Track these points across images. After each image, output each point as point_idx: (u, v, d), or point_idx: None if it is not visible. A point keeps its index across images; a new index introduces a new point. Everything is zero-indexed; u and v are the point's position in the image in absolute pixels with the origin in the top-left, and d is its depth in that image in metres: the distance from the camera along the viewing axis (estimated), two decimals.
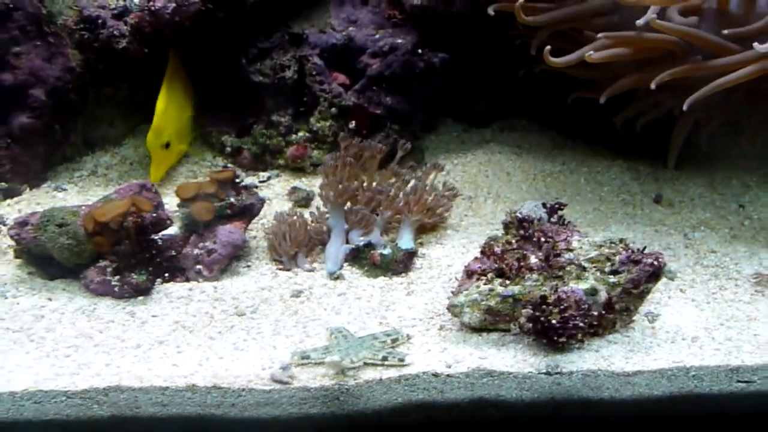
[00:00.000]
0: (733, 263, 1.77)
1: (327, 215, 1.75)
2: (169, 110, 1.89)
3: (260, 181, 2.02)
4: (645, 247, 1.53)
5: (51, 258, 1.67)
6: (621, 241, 1.54)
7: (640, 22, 1.65)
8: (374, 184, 1.78)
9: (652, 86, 1.67)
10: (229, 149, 2.08)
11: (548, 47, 1.71)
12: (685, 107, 1.69)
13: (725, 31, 1.64)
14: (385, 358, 1.40)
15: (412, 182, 1.79)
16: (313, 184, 1.90)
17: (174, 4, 1.87)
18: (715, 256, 1.80)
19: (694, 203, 1.98)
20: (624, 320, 1.50)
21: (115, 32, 1.91)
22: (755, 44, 1.58)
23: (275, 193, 1.97)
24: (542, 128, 2.15)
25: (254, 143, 2.06)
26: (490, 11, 1.75)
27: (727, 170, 2.06)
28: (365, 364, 1.39)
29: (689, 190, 2.02)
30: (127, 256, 1.64)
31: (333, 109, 2.01)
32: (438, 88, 2.06)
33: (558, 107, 1.94)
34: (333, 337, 1.45)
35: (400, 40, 2.00)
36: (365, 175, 1.78)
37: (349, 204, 1.74)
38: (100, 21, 1.91)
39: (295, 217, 1.75)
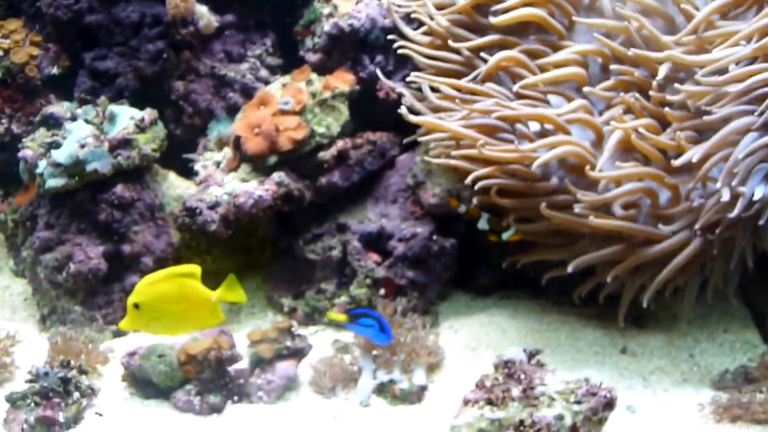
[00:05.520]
0: (681, 399, 2.08)
1: (359, 359, 2.16)
2: (156, 286, 1.89)
3: (310, 334, 2.36)
4: (602, 383, 1.86)
5: (149, 381, 2.07)
6: (585, 379, 1.91)
7: (583, 213, 2.08)
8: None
9: (608, 280, 2.10)
10: (286, 309, 2.45)
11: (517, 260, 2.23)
12: (646, 304, 2.12)
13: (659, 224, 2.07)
14: None
15: (413, 333, 2.19)
16: (350, 337, 2.27)
17: (252, 200, 2.32)
18: (667, 394, 2.11)
19: (653, 353, 2.26)
20: None
21: (208, 219, 2.34)
22: (660, 225, 2.05)
23: (321, 343, 2.31)
24: (534, 296, 2.47)
25: (306, 305, 2.44)
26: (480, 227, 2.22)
27: (682, 327, 2.32)
28: None
29: (650, 343, 2.29)
30: (207, 382, 2.03)
31: (367, 280, 2.37)
32: (449, 265, 2.43)
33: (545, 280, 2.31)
34: None
35: (419, 230, 2.38)
36: None
37: (375, 350, 2.16)
38: (197, 210, 2.34)
39: (335, 360, 2.17)
